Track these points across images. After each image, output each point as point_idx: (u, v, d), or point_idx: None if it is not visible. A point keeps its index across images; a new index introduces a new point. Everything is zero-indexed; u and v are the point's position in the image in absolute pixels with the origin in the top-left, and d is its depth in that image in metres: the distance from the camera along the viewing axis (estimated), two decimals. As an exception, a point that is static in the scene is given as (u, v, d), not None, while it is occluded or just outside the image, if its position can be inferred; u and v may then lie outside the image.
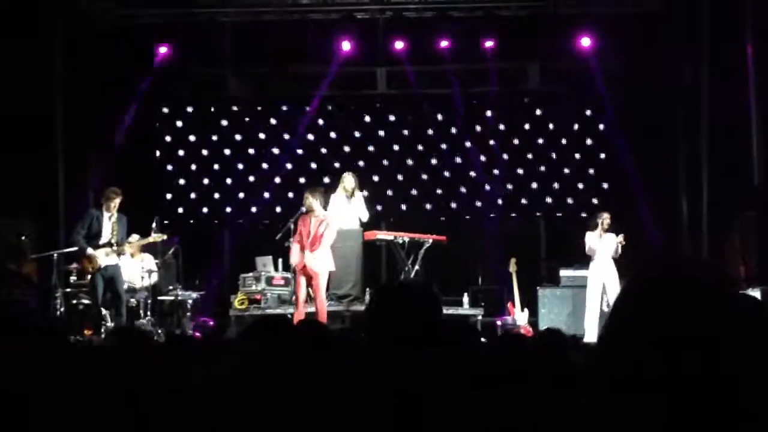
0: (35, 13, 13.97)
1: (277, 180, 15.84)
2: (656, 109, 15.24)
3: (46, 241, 13.34)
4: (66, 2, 14.67)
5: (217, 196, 15.97)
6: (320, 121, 16.07)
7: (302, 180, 15.63)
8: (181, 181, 15.96)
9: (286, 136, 15.98)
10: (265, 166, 15.88)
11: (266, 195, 15.73)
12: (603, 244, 12.56)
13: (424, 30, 15.63)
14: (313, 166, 15.95)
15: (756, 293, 10.42)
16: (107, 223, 11.74)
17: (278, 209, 15.49)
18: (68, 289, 12.61)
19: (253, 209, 15.83)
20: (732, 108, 13.58)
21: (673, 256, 1.75)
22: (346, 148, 15.97)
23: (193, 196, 15.95)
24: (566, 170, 15.89)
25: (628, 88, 15.35)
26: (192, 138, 16.01)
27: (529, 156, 15.93)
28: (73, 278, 12.82)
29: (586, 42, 15.27)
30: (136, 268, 12.81)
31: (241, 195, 15.93)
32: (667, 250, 14.35)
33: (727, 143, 13.83)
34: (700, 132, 14.41)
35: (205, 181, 16.00)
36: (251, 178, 15.89)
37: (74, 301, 12.45)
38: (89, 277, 11.80)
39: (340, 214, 13.12)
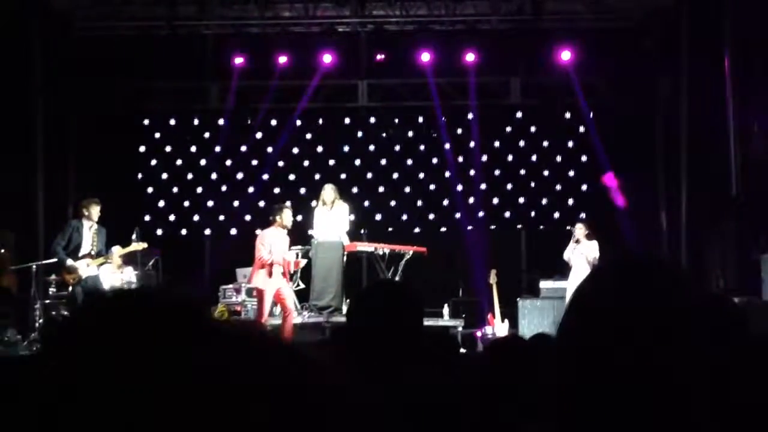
0: (14, 30, 13.92)
1: (258, 192, 15.82)
2: (635, 122, 15.37)
3: (25, 252, 13.26)
4: (45, 14, 14.62)
5: (187, 204, 15.94)
6: (302, 134, 16.10)
7: (285, 192, 15.67)
8: (161, 195, 15.94)
9: (269, 150, 15.99)
10: (247, 177, 15.93)
11: (235, 204, 15.78)
12: (578, 253, 12.69)
13: (405, 43, 15.70)
14: (295, 178, 15.96)
15: (734, 303, 10.46)
16: (87, 234, 11.70)
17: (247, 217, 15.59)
18: (47, 301, 12.52)
19: (220, 216, 15.86)
20: (710, 120, 13.69)
21: (631, 256, 1.74)
22: (328, 161, 16.01)
23: (173, 206, 15.93)
24: (547, 182, 15.97)
25: (608, 101, 15.47)
26: (172, 150, 16.01)
27: (510, 169, 16.00)
28: (52, 290, 12.73)
29: (566, 55, 15.37)
30: (117, 279, 12.73)
31: (235, 203, 15.93)
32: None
33: (706, 155, 13.93)
34: (679, 144, 14.52)
35: (188, 192, 15.97)
36: (230, 190, 15.89)
37: (53, 313, 12.36)
38: (69, 288, 11.73)
39: (320, 226, 13.15)
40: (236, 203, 15.78)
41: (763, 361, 2.31)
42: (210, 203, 15.88)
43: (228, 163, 15.99)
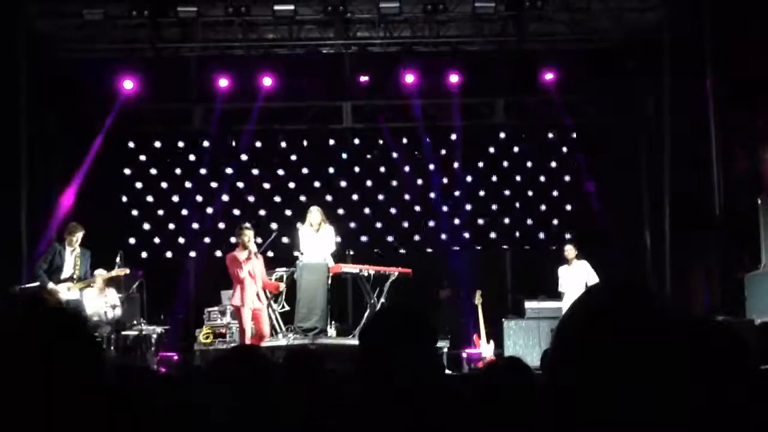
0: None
1: (242, 213, 15.79)
2: (619, 142, 15.46)
3: (8, 276, 13.18)
4: (29, 37, 14.61)
5: (179, 228, 15.91)
6: (287, 156, 16.11)
7: (269, 214, 15.70)
8: (146, 218, 15.91)
9: (254, 171, 16.00)
10: (230, 199, 15.91)
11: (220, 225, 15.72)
12: (572, 275, 12.73)
13: (389, 65, 15.76)
14: (280, 200, 15.95)
15: (718, 323, 10.49)
16: (69, 258, 11.65)
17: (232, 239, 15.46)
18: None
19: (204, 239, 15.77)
20: (693, 139, 13.77)
21: (613, 286, 1.70)
22: (313, 182, 16.01)
23: (157, 229, 15.88)
24: (532, 203, 16.01)
25: (592, 122, 15.55)
26: (157, 172, 15.98)
27: (495, 189, 16.05)
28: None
29: (549, 76, 15.44)
30: (100, 302, 12.67)
31: (220, 226, 15.90)
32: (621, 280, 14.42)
33: (689, 174, 14.00)
34: (663, 164, 14.59)
35: (172, 215, 15.94)
36: (212, 211, 15.86)
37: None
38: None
39: (307, 248, 13.12)
40: (222, 225, 15.73)
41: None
42: (195, 225, 15.83)
43: (213, 185, 15.96)
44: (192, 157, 16.03)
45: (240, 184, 15.97)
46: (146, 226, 15.85)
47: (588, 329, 1.52)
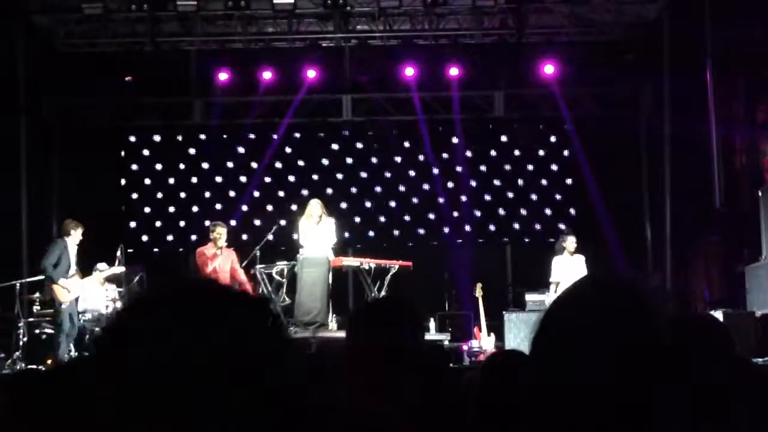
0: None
1: (245, 207, 15.80)
2: (619, 136, 15.44)
3: (8, 270, 13.18)
4: (28, 32, 14.60)
5: (182, 223, 15.92)
6: (287, 149, 16.11)
7: (270, 207, 15.73)
8: (147, 209, 15.92)
9: (254, 165, 16.00)
10: (232, 193, 15.92)
11: (233, 222, 15.61)
12: (569, 267, 12.65)
13: (389, 58, 15.75)
14: (281, 193, 15.97)
15: (719, 315, 10.51)
16: (73, 254, 11.66)
17: (244, 236, 15.36)
18: (31, 319, 12.43)
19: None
20: (693, 132, 13.76)
21: (603, 276, 1.69)
22: (313, 175, 16.03)
23: (158, 224, 15.91)
24: (532, 196, 16.02)
25: (591, 115, 15.54)
26: (158, 166, 15.99)
27: (496, 182, 16.06)
28: (36, 308, 12.65)
29: (549, 69, 15.43)
30: (100, 296, 12.67)
31: (207, 222, 15.88)
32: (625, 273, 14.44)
33: (689, 167, 14.00)
34: (663, 156, 14.59)
35: (171, 209, 15.95)
36: (218, 206, 15.86)
37: (37, 331, 12.29)
38: (55, 308, 11.63)
39: (308, 241, 13.11)
40: (233, 222, 15.69)
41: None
42: (195, 220, 15.82)
43: (215, 178, 15.96)
44: (192, 151, 16.03)
45: (240, 178, 15.97)
46: (146, 221, 15.85)
47: (575, 319, 1.53)
